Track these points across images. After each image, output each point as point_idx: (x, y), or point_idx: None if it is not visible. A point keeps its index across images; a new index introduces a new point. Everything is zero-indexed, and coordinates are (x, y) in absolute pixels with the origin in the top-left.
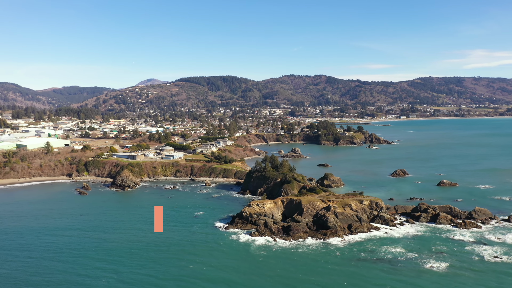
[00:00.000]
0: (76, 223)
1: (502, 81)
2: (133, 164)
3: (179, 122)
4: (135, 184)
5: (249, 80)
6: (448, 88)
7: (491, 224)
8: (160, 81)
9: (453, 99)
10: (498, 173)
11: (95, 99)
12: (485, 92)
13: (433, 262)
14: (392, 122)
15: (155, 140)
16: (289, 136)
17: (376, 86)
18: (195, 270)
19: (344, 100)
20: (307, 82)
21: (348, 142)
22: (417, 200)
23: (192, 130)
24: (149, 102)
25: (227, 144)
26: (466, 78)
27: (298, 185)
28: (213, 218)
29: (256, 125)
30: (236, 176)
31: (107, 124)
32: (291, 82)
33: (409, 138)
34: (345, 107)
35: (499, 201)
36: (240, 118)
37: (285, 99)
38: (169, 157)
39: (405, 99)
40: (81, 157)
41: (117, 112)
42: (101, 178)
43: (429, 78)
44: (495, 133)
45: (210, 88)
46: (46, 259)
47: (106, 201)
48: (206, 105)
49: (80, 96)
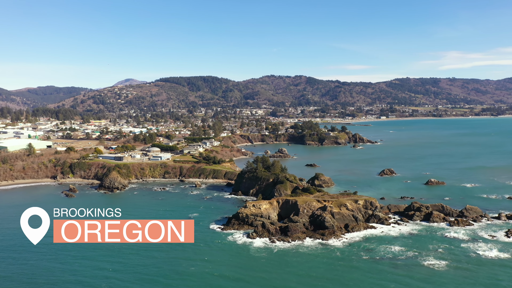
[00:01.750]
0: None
1: (476, 82)
2: (120, 166)
3: (161, 122)
4: (124, 186)
5: (229, 81)
6: (424, 88)
7: (482, 222)
8: (138, 81)
9: (430, 99)
10: (483, 171)
11: (72, 100)
12: (460, 93)
13: (432, 260)
14: (372, 122)
15: (140, 141)
16: (274, 136)
17: (355, 86)
18: (197, 271)
19: (324, 101)
20: (287, 83)
21: (332, 142)
22: (408, 199)
23: (176, 130)
24: (128, 102)
25: (214, 144)
26: (442, 79)
27: (291, 186)
28: (208, 220)
29: (240, 125)
30: (226, 177)
31: (88, 125)
32: (272, 83)
33: (392, 138)
34: (326, 107)
35: (487, 199)
36: (223, 118)
37: (266, 100)
38: (157, 158)
39: (383, 99)
40: (65, 159)
41: (96, 112)
42: (87, 180)
43: (406, 79)
44: (474, 132)
45: (190, 88)
46: (46, 260)
47: (94, 203)
48: (187, 105)
49: (56, 96)
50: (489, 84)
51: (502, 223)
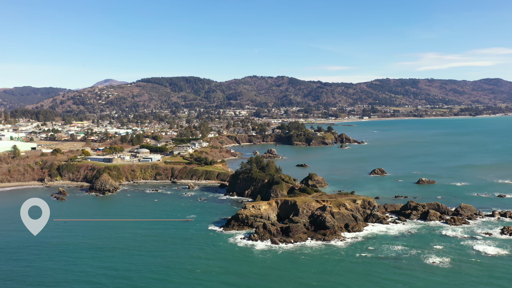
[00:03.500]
0: (65, 230)
1: (454, 83)
2: (111, 168)
3: (145, 123)
4: (115, 188)
5: (212, 81)
6: (404, 89)
7: (477, 220)
8: (118, 82)
9: (410, 100)
10: (471, 170)
11: (51, 100)
12: (438, 93)
13: (436, 258)
14: (355, 123)
15: (127, 142)
16: (261, 137)
17: (337, 87)
18: (204, 274)
19: (307, 101)
20: (269, 83)
21: (320, 143)
22: (402, 198)
23: (162, 131)
24: (109, 103)
25: (202, 145)
26: (421, 80)
27: (287, 186)
28: (207, 221)
29: (226, 126)
30: (219, 178)
31: (70, 126)
32: (254, 83)
33: (377, 138)
34: (309, 108)
35: (478, 198)
36: (207, 119)
37: (249, 100)
38: (147, 159)
39: (365, 100)
40: (52, 161)
41: (76, 113)
42: (76, 182)
43: (386, 80)
44: (456, 132)
45: (172, 89)
46: (45, 263)
47: (88, 206)
48: (169, 106)
49: (34, 97)
50: (466, 85)
51: (496, 221)
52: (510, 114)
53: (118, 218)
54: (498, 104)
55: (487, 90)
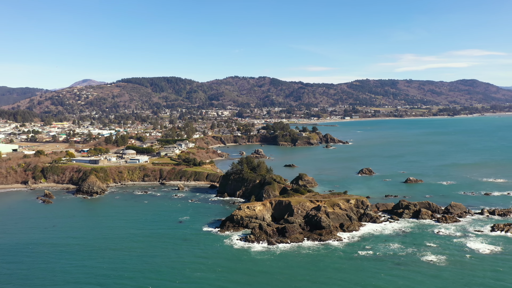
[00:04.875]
0: (56, 232)
1: (431, 84)
2: (97, 169)
3: (128, 124)
4: (103, 190)
5: (193, 81)
6: (384, 90)
7: (467, 218)
8: (97, 82)
9: (389, 100)
10: (455, 169)
11: (28, 101)
12: (417, 94)
13: (431, 256)
14: (338, 123)
15: (112, 144)
16: (247, 137)
17: (318, 88)
18: (204, 277)
19: (289, 102)
20: (251, 84)
21: (305, 143)
22: (392, 198)
23: (146, 132)
24: (89, 103)
25: (189, 146)
26: (400, 81)
27: (279, 186)
28: (200, 223)
29: (211, 126)
30: (208, 179)
31: (50, 127)
32: (236, 84)
33: (361, 138)
34: (291, 108)
35: (465, 196)
36: (189, 119)
37: (231, 101)
38: (135, 161)
39: (345, 100)
40: (36, 163)
41: (55, 114)
42: (61, 185)
43: (366, 81)
44: (437, 131)
45: (153, 89)
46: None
47: (77, 209)
48: (150, 106)
49: (9, 98)
50: (443, 85)
51: (485, 218)
52: (486, 114)
53: (110, 220)
54: (474, 104)
55: (463, 91)
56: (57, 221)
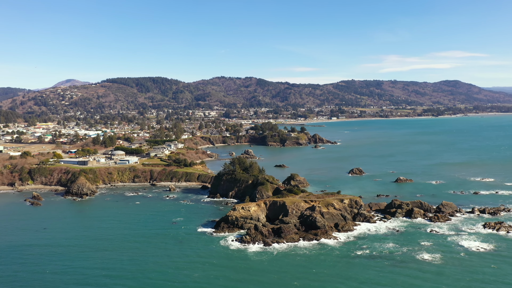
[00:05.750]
0: (48, 234)
1: (415, 85)
2: (86, 170)
3: (114, 124)
4: (93, 191)
5: (180, 82)
6: (369, 90)
7: (458, 217)
8: (81, 82)
9: (374, 100)
10: (443, 168)
11: (11, 101)
12: (401, 95)
13: (427, 254)
14: (325, 123)
15: (100, 144)
16: (235, 137)
17: (305, 88)
18: (203, 279)
19: (275, 102)
20: (238, 84)
21: (294, 143)
22: (384, 197)
23: (133, 133)
24: (73, 104)
25: (178, 147)
26: (385, 82)
27: (272, 187)
28: (194, 224)
29: (199, 127)
30: (200, 179)
31: (35, 127)
32: (222, 84)
33: (349, 138)
34: (278, 108)
35: (455, 195)
36: (177, 120)
37: (218, 101)
38: (124, 161)
39: (331, 100)
40: (23, 164)
41: (38, 115)
42: (49, 186)
43: (351, 81)
44: (424, 131)
45: (139, 89)
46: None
47: (67, 211)
48: (136, 107)
49: None
50: (427, 86)
51: (476, 217)
52: (469, 115)
53: (103, 222)
54: (457, 105)
55: (446, 92)
56: (48, 223)
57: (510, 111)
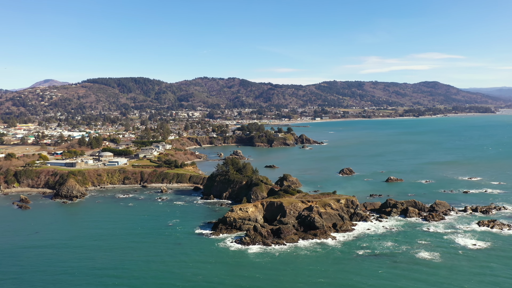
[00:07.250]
0: (43, 239)
1: (396, 86)
2: (75, 172)
3: (98, 125)
4: (83, 194)
5: (162, 82)
6: (351, 91)
7: (452, 215)
8: (60, 82)
9: (356, 101)
10: (432, 167)
11: None
12: (382, 95)
13: (426, 253)
14: (309, 124)
15: (85, 146)
16: (222, 138)
17: (287, 89)
18: (206, 281)
19: (259, 103)
20: (221, 85)
21: (281, 143)
22: (377, 197)
23: (118, 134)
24: (53, 104)
25: (166, 148)
26: (366, 82)
27: (266, 187)
28: (191, 226)
29: (184, 127)
30: (191, 181)
31: (15, 129)
32: (205, 85)
33: (335, 138)
34: (261, 109)
35: (446, 194)
36: (161, 120)
37: (201, 102)
38: (114, 163)
39: (314, 101)
40: (8, 167)
41: (17, 115)
42: (37, 189)
43: (333, 82)
44: (408, 131)
45: (121, 90)
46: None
47: (58, 214)
48: (118, 107)
49: None
50: (407, 87)
51: (469, 215)
52: (449, 115)
53: (97, 224)
54: (436, 105)
55: (426, 93)
56: (39, 227)
57: (487, 112)
